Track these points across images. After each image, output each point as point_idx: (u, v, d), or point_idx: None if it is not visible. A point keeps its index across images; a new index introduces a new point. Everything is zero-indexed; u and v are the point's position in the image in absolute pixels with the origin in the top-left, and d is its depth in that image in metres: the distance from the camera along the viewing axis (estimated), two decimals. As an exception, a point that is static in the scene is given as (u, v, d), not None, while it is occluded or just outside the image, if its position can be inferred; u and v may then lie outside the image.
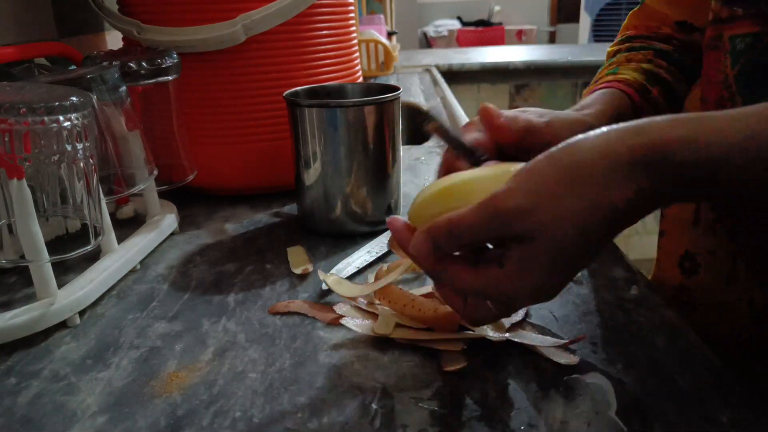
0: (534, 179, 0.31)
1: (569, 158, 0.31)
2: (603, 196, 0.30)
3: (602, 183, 0.30)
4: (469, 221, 0.32)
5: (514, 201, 0.31)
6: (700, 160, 0.30)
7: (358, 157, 0.57)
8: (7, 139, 0.40)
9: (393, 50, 1.77)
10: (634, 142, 0.30)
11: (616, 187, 0.30)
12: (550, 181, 0.31)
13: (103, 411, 0.36)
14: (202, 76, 0.65)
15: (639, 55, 0.57)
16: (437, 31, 4.75)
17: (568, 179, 0.31)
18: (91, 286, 0.47)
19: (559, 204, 0.30)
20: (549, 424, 0.34)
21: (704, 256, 0.51)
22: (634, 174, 0.30)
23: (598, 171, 0.30)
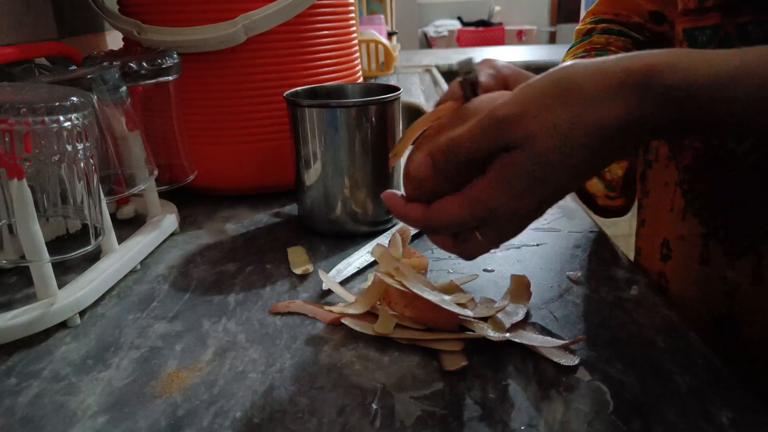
0: (529, 91, 0.33)
1: (564, 74, 0.32)
2: (590, 112, 0.31)
3: (592, 98, 0.31)
4: (468, 134, 0.33)
5: (508, 109, 0.32)
6: (688, 83, 0.30)
7: (358, 157, 0.57)
8: (8, 139, 0.40)
9: (393, 50, 1.77)
10: (627, 64, 0.32)
11: (605, 104, 0.31)
12: (543, 93, 0.32)
13: (104, 411, 0.36)
14: (203, 76, 0.65)
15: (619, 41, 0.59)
16: (437, 31, 4.75)
17: (560, 92, 0.32)
18: (91, 287, 0.47)
19: (547, 113, 0.32)
20: (549, 424, 0.34)
21: (676, 241, 0.52)
22: (624, 93, 0.31)
23: (589, 86, 0.31)
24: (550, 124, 0.31)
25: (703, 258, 0.50)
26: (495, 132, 0.32)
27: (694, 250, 0.50)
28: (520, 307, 0.44)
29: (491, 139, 0.33)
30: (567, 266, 0.52)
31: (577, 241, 0.57)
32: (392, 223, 0.62)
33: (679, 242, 0.52)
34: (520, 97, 0.33)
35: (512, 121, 0.32)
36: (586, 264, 0.52)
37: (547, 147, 0.32)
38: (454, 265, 0.53)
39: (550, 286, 0.49)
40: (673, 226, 0.53)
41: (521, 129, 0.32)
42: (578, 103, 0.31)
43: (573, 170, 0.33)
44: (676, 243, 0.52)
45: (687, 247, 0.51)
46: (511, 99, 0.33)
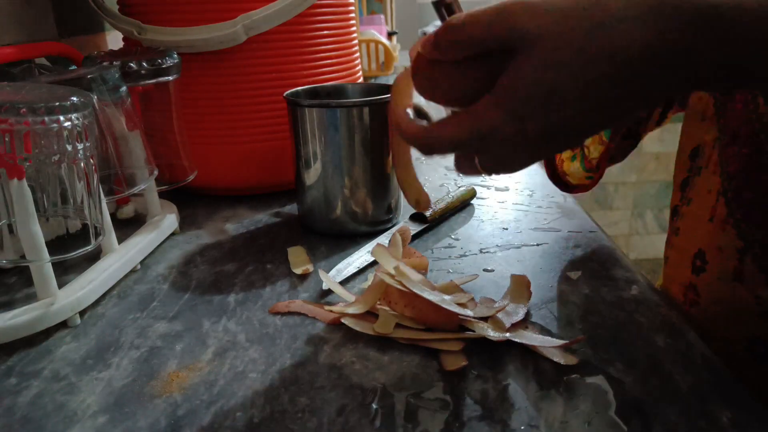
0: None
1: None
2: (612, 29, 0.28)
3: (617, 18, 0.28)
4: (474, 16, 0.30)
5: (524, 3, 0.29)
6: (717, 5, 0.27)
7: (358, 157, 0.57)
8: (8, 139, 0.40)
9: (393, 50, 1.77)
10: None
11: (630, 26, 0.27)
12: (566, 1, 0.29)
13: (104, 411, 0.36)
14: (203, 76, 0.65)
15: None
16: (437, 31, 4.75)
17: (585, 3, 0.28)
18: (91, 286, 0.47)
19: (563, 17, 0.28)
20: (549, 424, 0.34)
21: (713, 253, 0.50)
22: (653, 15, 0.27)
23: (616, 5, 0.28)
24: (566, 26, 0.28)
25: (736, 273, 0.48)
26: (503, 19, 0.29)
27: (729, 264, 0.48)
28: (520, 307, 0.44)
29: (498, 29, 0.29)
30: (567, 266, 0.52)
31: (577, 241, 0.57)
32: (392, 223, 0.62)
33: (715, 254, 0.50)
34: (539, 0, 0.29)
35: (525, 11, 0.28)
36: (586, 264, 0.52)
37: (558, 53, 0.28)
38: (455, 264, 0.53)
39: (550, 286, 0.49)
40: (711, 237, 0.50)
41: (532, 21, 0.28)
42: (600, 15, 0.28)
43: (586, 94, 0.29)
44: (712, 254, 0.50)
45: (723, 260, 0.49)
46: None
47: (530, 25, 0.29)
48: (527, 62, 0.29)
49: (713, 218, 0.50)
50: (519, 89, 0.29)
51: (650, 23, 0.27)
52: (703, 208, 0.52)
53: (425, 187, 0.48)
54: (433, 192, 0.71)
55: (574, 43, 0.28)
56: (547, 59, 0.28)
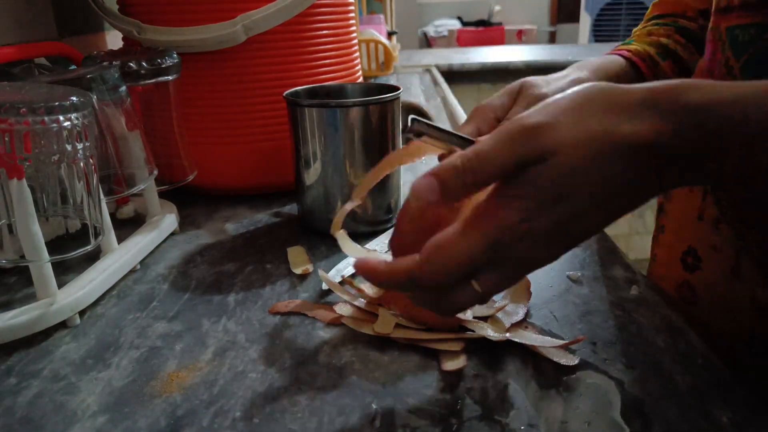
0: (559, 102, 0.30)
1: (596, 89, 0.30)
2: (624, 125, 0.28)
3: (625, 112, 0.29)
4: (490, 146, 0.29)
5: (539, 118, 0.29)
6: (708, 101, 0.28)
7: (358, 157, 0.57)
8: (7, 139, 0.40)
9: (393, 50, 1.77)
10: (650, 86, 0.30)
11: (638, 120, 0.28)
12: (575, 104, 0.30)
13: (103, 411, 0.36)
14: (202, 76, 0.65)
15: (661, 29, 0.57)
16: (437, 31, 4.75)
17: (593, 105, 0.29)
18: (91, 286, 0.47)
19: (580, 124, 0.29)
20: (549, 424, 0.34)
21: (707, 251, 0.50)
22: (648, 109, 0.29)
23: (622, 102, 0.29)
24: (584, 136, 0.28)
25: (734, 272, 0.48)
26: (524, 140, 0.29)
27: (726, 263, 0.49)
28: (520, 307, 0.44)
29: (518, 149, 0.29)
30: (567, 266, 0.52)
31: (577, 241, 0.57)
32: (392, 222, 0.62)
33: (711, 252, 0.50)
34: (550, 108, 0.30)
35: (544, 128, 0.29)
36: (586, 264, 0.52)
37: (576, 158, 0.28)
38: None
39: (550, 286, 0.49)
40: (702, 235, 0.51)
41: (552, 137, 0.28)
42: (612, 115, 0.29)
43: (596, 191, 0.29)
44: (707, 253, 0.50)
45: (720, 259, 0.49)
46: (541, 109, 0.30)
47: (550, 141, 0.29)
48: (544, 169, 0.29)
49: (702, 217, 0.50)
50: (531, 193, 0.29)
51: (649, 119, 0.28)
52: (688, 207, 0.52)
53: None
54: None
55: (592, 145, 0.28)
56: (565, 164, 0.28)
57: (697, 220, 0.51)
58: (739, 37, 0.45)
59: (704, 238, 0.51)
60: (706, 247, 0.51)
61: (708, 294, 0.51)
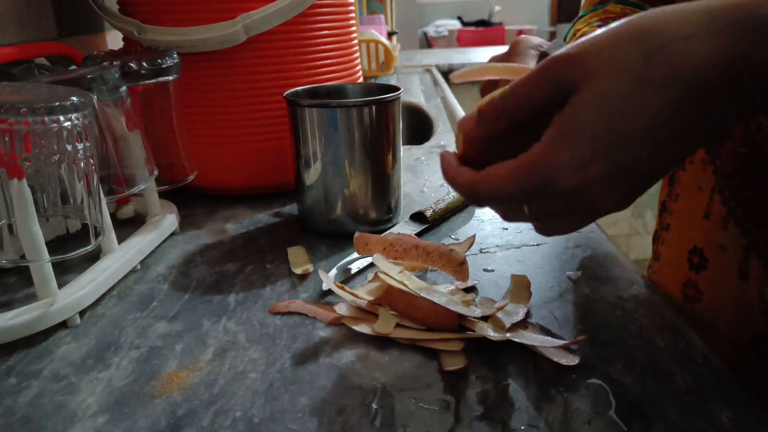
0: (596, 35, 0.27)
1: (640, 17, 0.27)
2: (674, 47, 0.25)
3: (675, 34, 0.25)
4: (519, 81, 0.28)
5: (567, 49, 0.27)
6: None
7: (358, 157, 0.57)
8: (8, 139, 0.40)
9: (393, 50, 1.77)
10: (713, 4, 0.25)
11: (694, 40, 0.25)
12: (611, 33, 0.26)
13: (104, 411, 0.36)
14: (203, 76, 0.65)
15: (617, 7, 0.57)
16: (437, 31, 4.75)
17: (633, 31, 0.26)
18: (91, 286, 0.47)
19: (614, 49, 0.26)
20: (549, 424, 0.34)
21: (714, 251, 0.50)
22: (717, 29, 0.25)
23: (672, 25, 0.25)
24: (618, 58, 0.25)
25: (741, 272, 0.48)
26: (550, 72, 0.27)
27: (734, 262, 0.48)
28: (520, 307, 0.44)
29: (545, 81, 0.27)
30: (567, 266, 0.52)
31: (577, 241, 0.57)
32: (392, 222, 0.62)
33: (718, 252, 0.50)
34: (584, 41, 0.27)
35: (570, 58, 0.26)
36: (586, 264, 0.52)
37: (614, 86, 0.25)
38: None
39: (550, 286, 0.49)
40: (709, 235, 0.50)
41: (580, 65, 0.26)
42: (657, 39, 0.25)
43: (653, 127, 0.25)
44: (714, 253, 0.50)
45: (727, 258, 0.49)
46: (572, 44, 0.27)
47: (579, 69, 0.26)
48: (582, 99, 0.26)
49: (709, 216, 0.50)
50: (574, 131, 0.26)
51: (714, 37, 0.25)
52: (695, 205, 0.52)
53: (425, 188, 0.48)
54: (433, 192, 0.71)
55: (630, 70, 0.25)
56: (604, 93, 0.26)
57: (704, 219, 0.51)
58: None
59: (711, 238, 0.50)
60: (713, 246, 0.50)
61: (714, 293, 0.51)
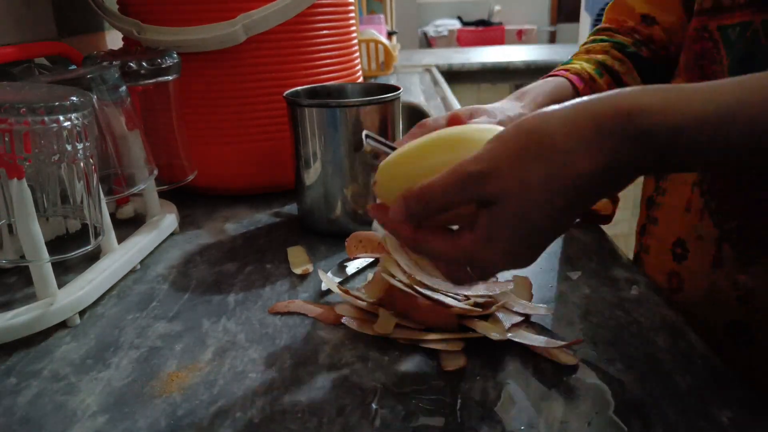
0: (501, 146, 0.32)
1: (536, 127, 0.32)
2: (566, 166, 0.30)
3: (565, 151, 0.30)
4: (439, 185, 0.32)
5: (481, 165, 0.32)
6: (658, 127, 0.30)
7: (358, 157, 0.57)
8: (7, 139, 0.40)
9: (393, 50, 1.77)
10: (597, 110, 0.31)
11: (580, 156, 0.30)
12: (517, 147, 0.31)
13: (103, 411, 0.36)
14: (202, 76, 0.65)
15: (598, 46, 0.60)
16: (437, 30, 4.75)
17: (534, 146, 0.31)
18: (91, 286, 0.47)
19: (523, 169, 0.31)
20: (549, 424, 0.34)
21: (693, 241, 0.52)
22: (599, 141, 0.30)
23: (561, 140, 0.31)
24: (530, 180, 0.31)
25: (716, 260, 0.49)
26: (468, 187, 0.32)
27: (709, 252, 0.50)
28: (520, 306, 0.44)
29: (466, 193, 0.32)
30: (567, 266, 0.52)
31: (578, 241, 0.57)
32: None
33: (697, 243, 0.51)
34: (492, 152, 0.32)
35: (488, 177, 0.31)
36: (586, 264, 0.52)
37: (528, 201, 0.31)
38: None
39: (550, 286, 0.49)
40: (689, 226, 0.52)
41: (499, 184, 0.31)
42: (554, 158, 0.31)
43: (559, 218, 0.32)
44: (693, 243, 0.52)
45: (704, 249, 0.50)
46: (483, 153, 0.32)
47: (494, 189, 0.31)
48: (501, 213, 0.32)
49: (690, 208, 0.52)
50: (498, 238, 0.33)
51: (595, 150, 0.30)
52: (679, 199, 0.54)
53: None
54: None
55: (536, 190, 0.31)
56: (518, 210, 0.31)
57: (685, 211, 0.52)
58: (731, 36, 0.47)
59: (691, 229, 0.52)
60: (692, 237, 0.52)
61: (693, 282, 0.53)
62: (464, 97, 1.98)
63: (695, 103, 0.30)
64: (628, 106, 0.30)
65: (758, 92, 0.30)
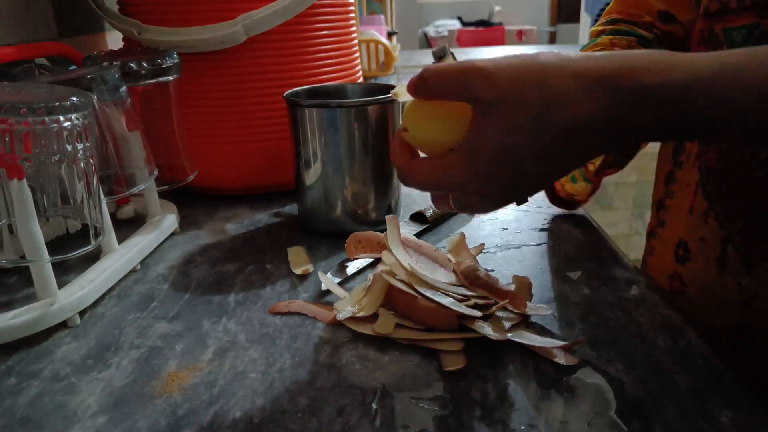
0: (509, 62, 0.32)
1: (550, 64, 0.32)
2: (565, 106, 0.31)
3: (568, 93, 0.31)
4: (441, 67, 0.33)
5: (485, 63, 0.32)
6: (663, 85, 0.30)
7: (358, 157, 0.57)
8: (8, 139, 0.40)
9: (393, 50, 1.77)
10: (604, 63, 0.31)
11: (581, 101, 0.31)
12: (525, 72, 0.32)
13: (104, 411, 0.36)
14: (203, 76, 0.65)
15: (623, 40, 0.59)
16: (437, 31, 4.75)
17: (540, 78, 0.31)
18: (91, 286, 0.47)
19: (523, 89, 0.31)
20: (549, 424, 0.34)
21: (696, 243, 0.52)
22: (597, 91, 0.31)
23: (567, 82, 0.31)
24: (521, 101, 0.31)
25: (719, 263, 0.49)
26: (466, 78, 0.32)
27: (713, 254, 0.50)
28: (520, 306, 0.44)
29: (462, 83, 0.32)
30: (567, 266, 0.52)
31: (578, 241, 0.57)
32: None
33: (700, 244, 0.51)
34: (501, 63, 0.32)
35: (486, 76, 0.31)
36: (586, 264, 0.52)
37: (517, 120, 0.31)
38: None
39: (550, 286, 0.49)
40: (692, 228, 0.52)
41: (492, 89, 0.31)
42: (554, 92, 0.31)
43: (542, 156, 0.32)
44: (696, 245, 0.52)
45: (707, 251, 0.50)
46: (495, 60, 0.32)
47: (486, 92, 0.31)
48: (487, 125, 0.32)
49: (693, 210, 0.52)
50: (482, 150, 0.32)
51: (594, 101, 0.31)
52: (684, 201, 0.54)
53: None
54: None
55: (530, 112, 0.31)
56: (506, 124, 0.31)
57: (689, 213, 0.52)
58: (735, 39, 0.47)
59: (694, 231, 0.52)
60: (696, 239, 0.52)
61: (696, 284, 0.53)
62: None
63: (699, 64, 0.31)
64: (633, 64, 0.31)
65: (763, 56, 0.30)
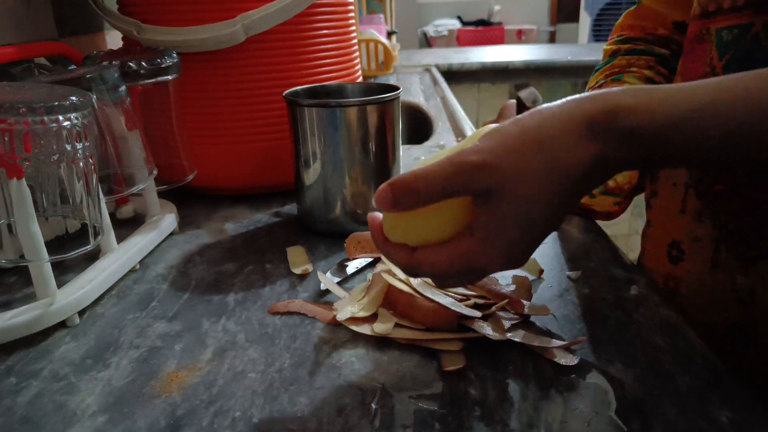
0: (500, 139, 0.33)
1: (533, 122, 0.33)
2: (560, 159, 0.32)
3: (559, 145, 0.32)
4: (433, 173, 0.33)
5: (480, 156, 0.32)
6: (643, 126, 0.31)
7: (358, 156, 0.57)
8: (7, 138, 0.40)
9: (393, 50, 1.77)
10: (589, 108, 0.32)
11: (572, 150, 0.32)
12: (515, 141, 0.33)
13: (103, 411, 0.36)
14: (202, 76, 0.65)
15: (641, 60, 0.58)
16: (437, 30, 4.75)
17: (531, 140, 0.32)
18: (90, 286, 0.47)
19: (522, 162, 0.32)
20: (549, 424, 0.34)
21: (689, 243, 0.52)
22: (589, 137, 0.32)
23: (556, 133, 0.32)
24: (528, 172, 0.32)
25: (714, 262, 0.49)
26: (465, 178, 0.32)
27: (707, 254, 0.50)
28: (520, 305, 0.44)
29: (461, 184, 0.32)
30: (567, 266, 0.52)
31: (577, 241, 0.57)
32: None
33: (693, 245, 0.51)
34: (491, 145, 0.33)
35: (487, 168, 0.32)
36: (586, 264, 0.52)
37: (528, 193, 0.32)
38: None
39: (550, 286, 0.49)
40: (685, 228, 0.52)
41: (499, 176, 0.32)
42: (549, 151, 0.32)
43: (554, 213, 0.33)
44: (690, 245, 0.52)
45: (702, 250, 0.50)
46: (482, 146, 0.33)
47: (494, 183, 0.32)
48: (502, 207, 0.32)
49: (685, 210, 0.52)
50: (501, 231, 0.33)
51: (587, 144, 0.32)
52: (672, 201, 0.54)
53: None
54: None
55: (537, 179, 0.32)
56: (522, 201, 0.32)
57: (680, 213, 0.52)
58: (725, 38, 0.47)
59: (687, 231, 0.52)
60: (689, 239, 0.52)
61: (691, 285, 0.53)
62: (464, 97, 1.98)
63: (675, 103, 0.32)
64: (613, 106, 0.32)
65: (731, 91, 0.31)
